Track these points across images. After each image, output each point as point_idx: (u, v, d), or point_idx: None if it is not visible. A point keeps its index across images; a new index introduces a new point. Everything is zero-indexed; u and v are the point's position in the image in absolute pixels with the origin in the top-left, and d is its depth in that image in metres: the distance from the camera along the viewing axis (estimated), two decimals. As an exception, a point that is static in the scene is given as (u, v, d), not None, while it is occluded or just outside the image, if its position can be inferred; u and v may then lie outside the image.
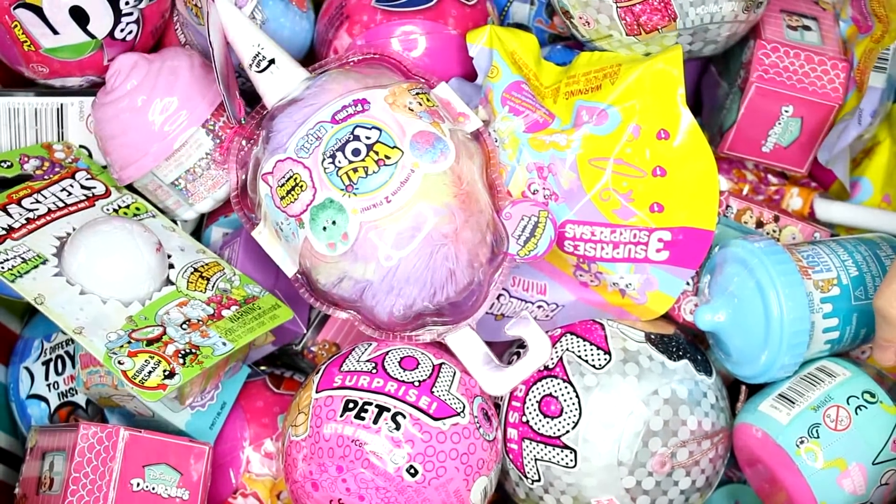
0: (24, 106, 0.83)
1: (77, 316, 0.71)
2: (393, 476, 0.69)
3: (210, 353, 0.71)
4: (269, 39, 0.75)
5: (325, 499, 0.70)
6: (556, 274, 0.78)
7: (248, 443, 0.80)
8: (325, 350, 0.84)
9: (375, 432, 0.69)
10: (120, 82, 0.77)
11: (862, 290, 0.74)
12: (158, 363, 0.69)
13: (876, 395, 0.72)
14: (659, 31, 0.75)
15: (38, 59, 0.79)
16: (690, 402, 0.73)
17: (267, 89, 0.74)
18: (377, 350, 0.73)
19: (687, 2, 0.74)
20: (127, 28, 0.79)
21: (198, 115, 0.77)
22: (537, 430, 0.74)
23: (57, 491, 0.72)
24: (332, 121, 0.71)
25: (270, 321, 0.76)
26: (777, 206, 0.85)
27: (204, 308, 0.74)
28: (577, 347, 0.75)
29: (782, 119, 0.80)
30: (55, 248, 0.74)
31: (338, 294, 0.72)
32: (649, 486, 0.73)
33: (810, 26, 0.82)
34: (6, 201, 0.76)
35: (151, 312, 0.73)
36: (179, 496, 0.73)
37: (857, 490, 0.71)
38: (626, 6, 0.74)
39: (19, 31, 0.78)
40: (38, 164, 0.81)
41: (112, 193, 0.80)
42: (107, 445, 0.71)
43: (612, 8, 0.75)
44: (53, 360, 0.84)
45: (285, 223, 0.71)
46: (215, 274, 0.77)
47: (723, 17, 0.75)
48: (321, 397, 0.72)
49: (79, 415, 0.84)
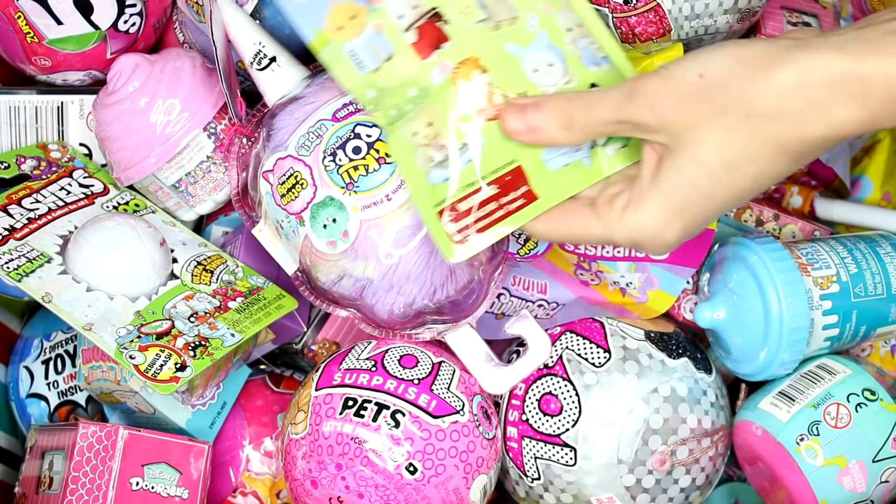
0: (24, 104, 0.83)
1: (85, 313, 0.71)
2: (392, 474, 0.69)
3: (219, 344, 0.71)
4: (270, 38, 0.75)
5: (325, 497, 0.70)
6: (557, 273, 0.78)
7: (248, 441, 0.80)
8: (325, 349, 0.84)
9: (375, 430, 0.69)
10: (122, 84, 0.77)
11: (861, 287, 0.74)
12: (169, 356, 0.70)
13: (876, 393, 0.72)
14: (654, 40, 0.75)
15: (41, 51, 0.79)
16: (690, 400, 0.73)
17: (268, 87, 0.74)
18: (377, 348, 0.73)
19: (682, 15, 0.74)
20: (130, 20, 0.80)
21: (200, 118, 0.77)
22: (537, 429, 0.74)
23: (56, 490, 0.72)
24: (333, 119, 0.71)
25: (276, 311, 0.76)
26: (777, 205, 0.85)
27: (210, 300, 0.75)
28: (576, 346, 0.75)
29: (782, 115, 0.80)
30: (58, 247, 0.75)
31: (338, 292, 0.72)
32: (649, 484, 0.73)
33: (810, 23, 0.82)
34: (6, 202, 0.77)
35: (159, 307, 0.73)
36: (179, 495, 0.73)
37: (857, 488, 0.71)
38: (621, 17, 0.74)
39: (23, 22, 0.78)
40: (34, 165, 0.81)
41: (110, 191, 0.80)
42: (106, 444, 0.71)
43: (608, 17, 0.75)
44: (53, 359, 0.84)
45: (286, 221, 0.71)
46: (218, 266, 0.78)
47: (717, 29, 0.75)
48: (321, 395, 0.72)
49: (78, 414, 0.84)
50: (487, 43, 0.67)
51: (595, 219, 0.62)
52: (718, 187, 0.58)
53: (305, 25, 0.68)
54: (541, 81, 0.67)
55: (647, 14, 0.74)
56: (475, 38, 0.67)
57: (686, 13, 0.74)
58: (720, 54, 0.58)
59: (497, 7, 0.68)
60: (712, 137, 0.57)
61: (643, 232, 0.60)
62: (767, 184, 0.59)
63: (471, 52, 0.67)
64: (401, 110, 0.67)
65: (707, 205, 0.59)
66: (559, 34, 0.68)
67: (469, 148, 0.65)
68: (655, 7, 0.73)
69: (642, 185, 0.60)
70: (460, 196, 0.65)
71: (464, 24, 0.68)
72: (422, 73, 0.67)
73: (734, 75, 0.57)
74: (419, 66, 0.67)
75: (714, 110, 0.57)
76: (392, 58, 0.67)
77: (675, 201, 0.59)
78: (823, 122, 0.56)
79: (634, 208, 0.60)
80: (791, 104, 0.56)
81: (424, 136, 0.66)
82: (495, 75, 0.67)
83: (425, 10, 0.68)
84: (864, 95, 0.55)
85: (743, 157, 0.57)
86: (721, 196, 0.59)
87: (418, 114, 0.67)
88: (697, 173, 0.58)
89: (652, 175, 0.60)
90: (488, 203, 0.65)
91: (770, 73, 0.56)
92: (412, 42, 0.67)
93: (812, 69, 0.55)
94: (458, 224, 0.65)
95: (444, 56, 0.67)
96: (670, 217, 0.59)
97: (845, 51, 0.55)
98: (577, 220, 0.63)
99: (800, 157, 0.58)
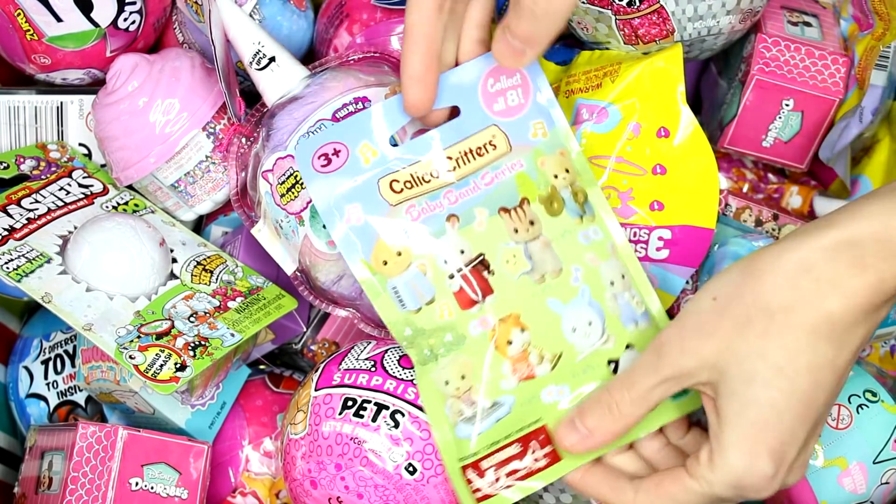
0: (24, 104, 0.83)
1: (85, 313, 0.71)
2: (392, 474, 0.69)
3: (219, 344, 0.71)
4: (269, 37, 0.75)
5: (324, 497, 0.70)
6: (557, 273, 0.78)
7: (248, 441, 0.80)
8: (324, 349, 0.84)
9: (374, 430, 0.69)
10: (121, 83, 0.77)
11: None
12: (169, 356, 0.69)
13: (877, 394, 0.72)
14: (657, 42, 0.75)
15: (40, 49, 0.79)
16: (690, 401, 0.73)
17: (267, 87, 0.74)
18: (376, 348, 0.73)
19: (685, 17, 0.74)
20: (130, 17, 0.80)
21: (199, 118, 0.77)
22: (537, 429, 0.73)
23: (56, 490, 0.71)
24: (333, 119, 0.71)
25: (276, 311, 0.76)
26: (776, 205, 0.85)
27: (210, 300, 0.75)
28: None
29: (783, 113, 0.80)
30: (58, 247, 0.75)
31: (337, 292, 0.72)
32: (649, 484, 0.72)
33: (811, 23, 0.82)
34: (6, 202, 0.77)
35: (158, 307, 0.73)
36: (178, 495, 0.73)
37: (858, 489, 0.71)
38: (624, 19, 0.74)
39: (22, 20, 0.78)
40: (34, 165, 0.81)
41: (110, 191, 0.80)
42: (105, 445, 0.71)
43: (612, 19, 0.75)
44: (52, 360, 0.84)
45: (285, 221, 0.71)
46: (218, 266, 0.78)
47: (720, 29, 0.75)
48: (320, 395, 0.71)
49: (78, 414, 0.83)
50: (530, 297, 0.67)
51: (689, 479, 0.60)
52: (780, 395, 0.57)
53: (350, 253, 0.67)
54: (578, 342, 0.67)
55: (651, 16, 0.74)
56: (518, 292, 0.67)
57: (689, 14, 0.74)
58: (725, 273, 0.59)
59: (543, 258, 0.68)
60: (749, 350, 0.58)
61: (736, 473, 0.59)
62: (829, 376, 0.58)
63: (512, 309, 0.67)
64: (434, 352, 0.67)
65: (781, 419, 0.58)
66: (602, 289, 0.68)
67: (500, 407, 0.66)
68: (659, 9, 0.73)
69: (714, 429, 0.59)
70: (485, 454, 0.66)
71: (509, 276, 0.67)
72: (461, 323, 0.67)
73: (744, 285, 0.58)
74: (459, 316, 0.67)
75: (739, 324, 0.58)
76: (433, 302, 0.67)
77: (747, 429, 0.58)
78: (838, 294, 0.57)
79: (719, 454, 0.59)
80: (804, 288, 0.57)
81: (456, 388, 0.67)
82: (534, 334, 0.67)
83: (472, 257, 0.67)
84: (861, 258, 0.56)
85: (785, 354, 0.57)
86: (786, 404, 0.57)
87: (451, 362, 0.67)
88: (753, 391, 0.58)
89: (716, 415, 0.59)
90: (512, 461, 0.66)
91: (775, 269, 0.57)
92: (455, 291, 0.67)
93: (811, 251, 0.57)
94: (483, 480, 0.66)
95: (485, 311, 0.67)
96: (752, 446, 0.58)
97: (833, 223, 0.57)
98: (672, 483, 0.61)
99: (837, 338, 0.57)
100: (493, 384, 0.67)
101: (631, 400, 0.61)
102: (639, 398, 0.61)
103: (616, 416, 0.62)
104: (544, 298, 0.67)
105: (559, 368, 0.67)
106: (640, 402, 0.61)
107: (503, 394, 0.67)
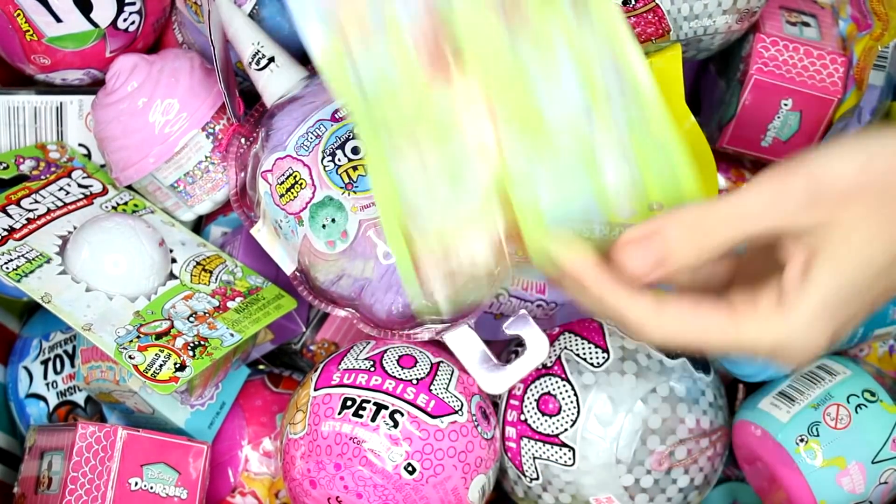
0: (23, 104, 0.83)
1: (85, 313, 0.71)
2: (391, 474, 0.69)
3: (219, 344, 0.71)
4: (268, 38, 0.75)
5: (324, 496, 0.70)
6: (556, 273, 0.78)
7: (247, 441, 0.80)
8: (324, 349, 0.84)
9: (373, 430, 0.69)
10: (121, 84, 0.77)
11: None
12: (169, 356, 0.70)
13: (876, 394, 0.72)
14: (653, 41, 0.75)
15: (40, 49, 0.80)
16: (688, 400, 0.73)
17: (266, 87, 0.74)
18: (375, 348, 0.73)
19: (681, 16, 0.74)
20: (129, 18, 0.80)
21: (198, 118, 0.77)
22: (535, 429, 0.74)
23: (55, 490, 0.72)
24: (332, 119, 0.71)
25: (275, 311, 0.76)
26: (776, 205, 0.85)
27: (209, 300, 0.75)
28: (575, 345, 0.75)
29: (781, 113, 0.80)
30: (58, 247, 0.75)
31: (337, 292, 0.72)
32: (648, 484, 0.72)
33: (809, 23, 0.82)
34: (5, 202, 0.77)
35: (158, 307, 0.73)
36: (178, 495, 0.73)
37: (856, 489, 0.71)
38: None
39: (22, 20, 0.78)
40: (33, 165, 0.81)
41: (109, 191, 0.81)
42: (105, 445, 0.71)
43: None
44: (52, 360, 0.84)
45: (284, 221, 0.71)
46: (217, 266, 0.78)
47: (716, 29, 0.75)
48: (319, 395, 0.71)
49: (77, 414, 0.84)
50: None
51: (735, 316, 0.54)
52: (880, 283, 0.53)
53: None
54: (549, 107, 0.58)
55: (646, 15, 0.74)
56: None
57: (685, 14, 0.74)
58: (877, 144, 0.53)
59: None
60: (878, 232, 0.52)
61: (792, 336, 0.53)
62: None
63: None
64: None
65: (859, 306, 0.53)
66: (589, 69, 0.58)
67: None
68: (654, 8, 0.73)
69: (791, 284, 0.53)
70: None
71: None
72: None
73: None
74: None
75: (878, 203, 0.52)
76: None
77: (831, 303, 0.52)
78: None
79: (789, 309, 0.52)
80: None
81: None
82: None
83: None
84: None
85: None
86: (872, 297, 0.53)
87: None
88: (859, 274, 0.52)
89: (802, 274, 0.52)
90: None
91: None
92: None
93: None
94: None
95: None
96: (826, 320, 0.52)
97: None
98: (712, 313, 0.54)
99: None
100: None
101: (724, 236, 0.53)
102: (733, 235, 0.53)
103: (698, 249, 0.53)
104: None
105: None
106: (730, 239, 0.53)
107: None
